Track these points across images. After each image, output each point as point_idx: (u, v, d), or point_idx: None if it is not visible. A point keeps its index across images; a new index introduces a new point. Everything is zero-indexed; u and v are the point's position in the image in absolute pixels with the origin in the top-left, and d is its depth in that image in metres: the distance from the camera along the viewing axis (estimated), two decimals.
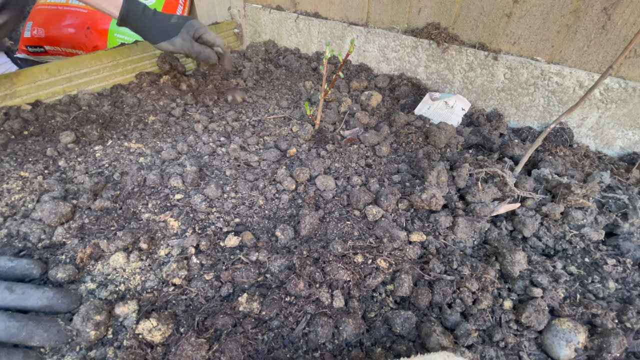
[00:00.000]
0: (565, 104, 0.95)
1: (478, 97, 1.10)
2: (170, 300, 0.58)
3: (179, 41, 0.95)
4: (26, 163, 0.83)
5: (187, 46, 0.96)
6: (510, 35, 0.98)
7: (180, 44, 0.95)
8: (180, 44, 0.95)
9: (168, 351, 0.51)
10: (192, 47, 0.97)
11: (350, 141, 0.95)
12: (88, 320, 0.52)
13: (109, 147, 0.91)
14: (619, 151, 0.94)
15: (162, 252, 0.65)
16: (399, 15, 1.17)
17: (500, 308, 0.59)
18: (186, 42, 0.96)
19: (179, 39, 0.95)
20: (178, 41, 0.95)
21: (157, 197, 0.76)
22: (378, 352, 0.52)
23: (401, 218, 0.73)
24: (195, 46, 0.98)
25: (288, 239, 0.68)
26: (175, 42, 0.95)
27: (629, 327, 0.56)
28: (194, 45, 0.98)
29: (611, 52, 0.86)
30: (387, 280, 0.62)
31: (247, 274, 0.60)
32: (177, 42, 0.95)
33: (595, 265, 0.66)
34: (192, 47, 0.97)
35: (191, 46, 0.97)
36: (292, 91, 1.24)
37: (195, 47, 0.98)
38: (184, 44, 0.95)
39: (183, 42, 0.95)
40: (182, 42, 0.95)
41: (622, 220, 0.72)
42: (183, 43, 0.95)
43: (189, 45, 0.97)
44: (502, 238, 0.71)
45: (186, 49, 0.97)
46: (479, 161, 0.87)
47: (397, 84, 1.20)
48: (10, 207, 0.72)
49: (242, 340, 0.51)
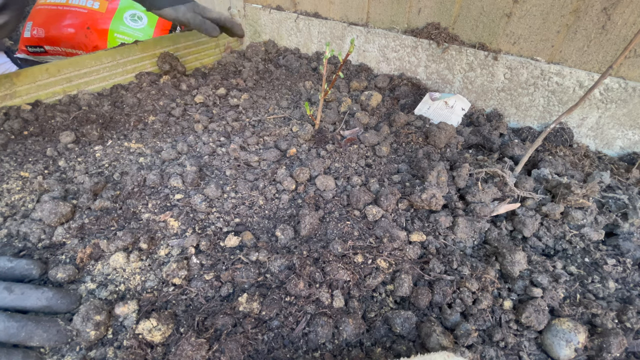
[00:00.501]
0: (565, 104, 0.95)
1: (478, 97, 1.10)
2: (170, 300, 0.58)
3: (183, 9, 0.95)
4: (26, 163, 0.83)
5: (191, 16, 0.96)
6: (510, 35, 0.98)
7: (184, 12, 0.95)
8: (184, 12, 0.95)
9: (168, 351, 0.51)
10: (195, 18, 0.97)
11: (350, 141, 0.95)
12: (88, 320, 0.52)
13: (109, 147, 0.91)
14: (619, 151, 0.94)
15: (162, 252, 0.65)
16: (399, 15, 1.17)
17: (500, 308, 0.59)
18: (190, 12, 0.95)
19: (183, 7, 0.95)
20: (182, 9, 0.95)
21: (157, 197, 0.76)
22: (378, 352, 0.52)
23: (401, 218, 0.73)
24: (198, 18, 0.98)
25: (288, 239, 0.68)
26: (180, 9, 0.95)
27: (629, 327, 0.56)
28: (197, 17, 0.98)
29: (611, 52, 0.86)
30: (387, 280, 0.62)
31: (247, 274, 0.60)
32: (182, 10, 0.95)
33: (595, 265, 0.66)
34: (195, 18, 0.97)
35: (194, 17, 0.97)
36: (292, 91, 1.24)
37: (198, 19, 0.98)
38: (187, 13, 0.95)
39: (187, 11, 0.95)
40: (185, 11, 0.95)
41: (622, 220, 0.72)
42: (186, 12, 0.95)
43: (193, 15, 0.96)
44: (502, 238, 0.71)
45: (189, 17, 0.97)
46: (479, 161, 0.87)
47: (397, 84, 1.20)
48: (10, 207, 0.72)
49: (242, 340, 0.51)
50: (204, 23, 0.99)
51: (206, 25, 1.00)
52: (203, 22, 0.99)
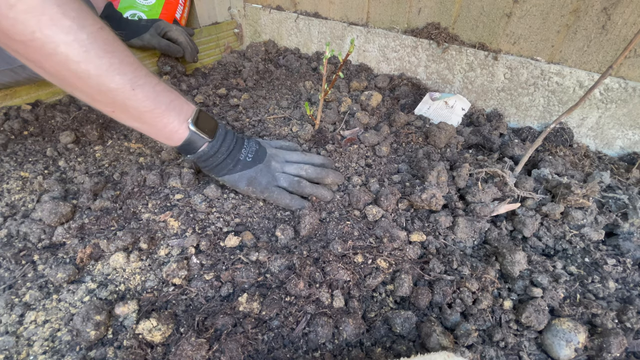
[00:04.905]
0: (565, 104, 0.95)
1: (478, 97, 1.10)
2: (170, 300, 0.58)
3: (147, 37, 1.10)
4: (26, 163, 0.83)
5: (155, 41, 1.12)
6: (510, 35, 0.98)
7: (148, 39, 1.11)
8: (148, 39, 1.11)
9: (168, 351, 0.51)
10: (159, 42, 1.12)
11: (350, 141, 0.95)
12: (88, 320, 0.52)
13: (109, 147, 0.91)
14: (619, 151, 0.94)
15: (162, 252, 0.65)
16: (399, 15, 1.17)
17: (500, 308, 0.59)
18: (154, 37, 1.11)
19: (147, 35, 1.10)
20: (146, 37, 1.10)
21: (157, 197, 0.76)
22: (378, 352, 0.52)
23: (401, 218, 0.73)
24: (162, 41, 1.13)
25: (288, 239, 0.68)
26: (144, 37, 1.10)
27: (629, 327, 0.56)
28: (161, 40, 1.13)
29: (611, 52, 0.86)
30: (387, 280, 0.62)
31: (247, 274, 0.60)
32: (146, 37, 1.10)
33: (595, 265, 0.66)
34: (159, 42, 1.12)
35: (158, 41, 1.12)
36: (292, 91, 1.24)
37: (162, 42, 1.13)
38: (152, 39, 1.11)
39: (151, 37, 1.11)
40: (149, 38, 1.10)
41: (622, 220, 0.72)
42: (151, 38, 1.11)
43: (157, 40, 1.12)
44: (502, 238, 0.71)
45: (154, 43, 1.12)
46: (479, 161, 0.87)
47: (397, 84, 1.20)
48: (10, 207, 0.72)
49: (242, 340, 0.51)
50: (168, 46, 1.14)
51: (170, 48, 1.15)
52: (168, 45, 1.14)
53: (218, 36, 1.47)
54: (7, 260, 0.63)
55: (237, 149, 0.72)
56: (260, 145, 0.77)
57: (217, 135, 0.68)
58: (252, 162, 0.73)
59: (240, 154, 0.72)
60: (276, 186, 0.74)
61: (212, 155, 0.68)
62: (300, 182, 0.75)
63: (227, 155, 0.70)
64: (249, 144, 0.74)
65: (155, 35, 1.12)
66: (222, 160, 0.70)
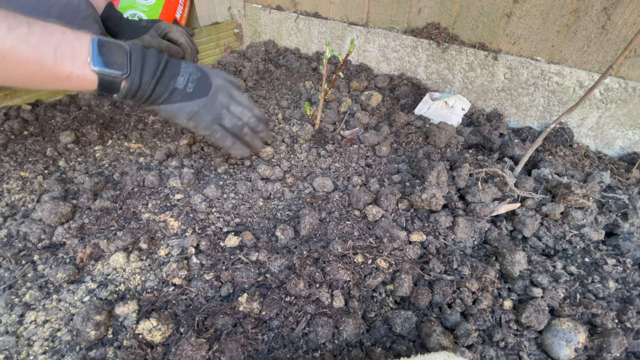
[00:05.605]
0: (565, 104, 0.95)
1: (478, 97, 1.10)
2: (170, 300, 0.58)
3: (147, 38, 1.09)
4: (26, 163, 0.83)
5: (155, 42, 1.10)
6: (510, 35, 0.98)
7: (149, 40, 1.09)
8: (149, 40, 1.09)
9: (168, 351, 0.51)
10: (160, 43, 1.11)
11: (350, 141, 0.95)
12: (88, 320, 0.52)
13: (109, 147, 0.91)
14: (619, 151, 0.94)
15: (162, 252, 0.65)
16: (399, 15, 1.17)
17: (500, 308, 0.59)
18: (154, 38, 1.10)
19: (147, 36, 1.09)
20: (147, 38, 1.09)
21: (157, 197, 0.76)
22: (378, 352, 0.52)
23: (401, 218, 0.73)
24: (162, 42, 1.12)
25: (288, 239, 0.68)
26: (144, 38, 1.09)
27: (629, 327, 0.56)
28: (162, 42, 1.12)
29: (611, 52, 0.86)
30: (387, 280, 0.62)
31: (247, 274, 0.60)
32: (146, 38, 1.09)
33: (595, 265, 0.66)
34: (159, 43, 1.11)
35: (159, 42, 1.11)
36: (292, 91, 1.24)
37: (163, 43, 1.12)
38: (152, 40, 1.10)
39: (151, 38, 1.10)
40: (150, 39, 1.09)
41: (622, 220, 0.72)
42: (151, 39, 1.10)
43: (157, 41, 1.11)
44: (502, 238, 0.71)
45: (155, 44, 1.11)
46: (479, 161, 0.87)
47: (397, 84, 1.20)
48: (10, 207, 0.72)
49: (242, 340, 0.51)
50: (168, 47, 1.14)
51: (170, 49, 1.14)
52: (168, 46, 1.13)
53: (218, 36, 1.47)
54: (7, 260, 0.63)
55: (170, 75, 0.64)
56: (202, 71, 0.69)
57: (132, 66, 0.59)
58: (194, 93, 0.65)
59: (175, 82, 0.64)
60: (219, 125, 0.70)
61: (137, 89, 0.60)
62: (242, 128, 0.72)
63: (156, 84, 0.62)
64: (186, 68, 0.66)
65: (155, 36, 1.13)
66: (151, 91, 0.62)
